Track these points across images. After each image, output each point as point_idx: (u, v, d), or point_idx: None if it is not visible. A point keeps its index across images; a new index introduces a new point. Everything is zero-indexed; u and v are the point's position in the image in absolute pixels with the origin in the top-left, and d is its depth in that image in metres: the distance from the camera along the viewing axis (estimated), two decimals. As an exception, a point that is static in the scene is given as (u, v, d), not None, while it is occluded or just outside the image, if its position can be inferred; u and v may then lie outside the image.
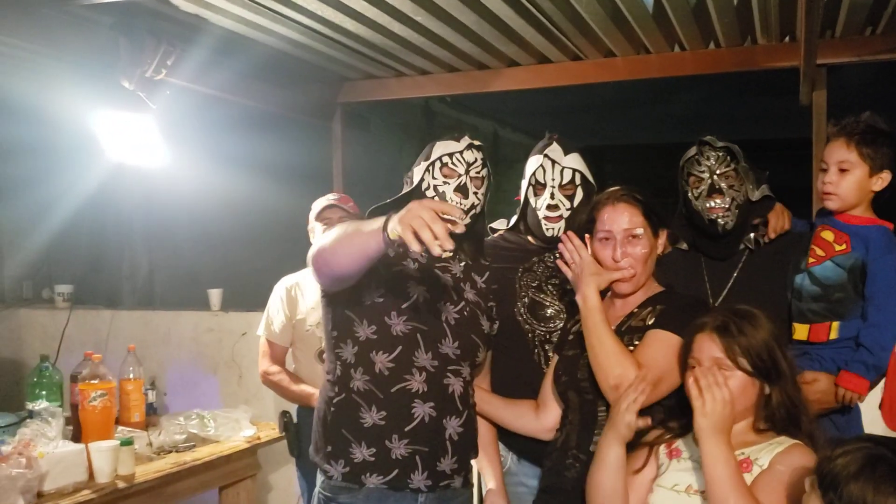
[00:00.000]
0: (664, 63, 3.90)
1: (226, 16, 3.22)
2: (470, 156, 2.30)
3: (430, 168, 2.29)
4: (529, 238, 2.58)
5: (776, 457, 1.84)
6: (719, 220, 2.38)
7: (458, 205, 2.25)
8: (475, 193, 2.29)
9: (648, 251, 2.16)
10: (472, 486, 2.34)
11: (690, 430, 1.94)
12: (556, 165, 2.46)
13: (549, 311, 2.47)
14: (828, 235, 2.32)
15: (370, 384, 2.15)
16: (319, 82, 4.32)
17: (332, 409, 2.17)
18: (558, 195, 2.45)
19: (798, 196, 3.09)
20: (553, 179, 2.46)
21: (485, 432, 2.41)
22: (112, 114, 3.23)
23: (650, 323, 2.11)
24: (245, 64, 3.70)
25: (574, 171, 2.46)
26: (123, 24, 3.12)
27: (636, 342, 2.09)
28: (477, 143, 2.33)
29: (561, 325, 2.44)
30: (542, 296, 2.48)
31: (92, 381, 3.01)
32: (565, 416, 2.22)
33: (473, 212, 2.30)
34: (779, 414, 1.92)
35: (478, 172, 2.30)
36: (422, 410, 2.15)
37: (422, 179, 2.29)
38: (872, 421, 2.39)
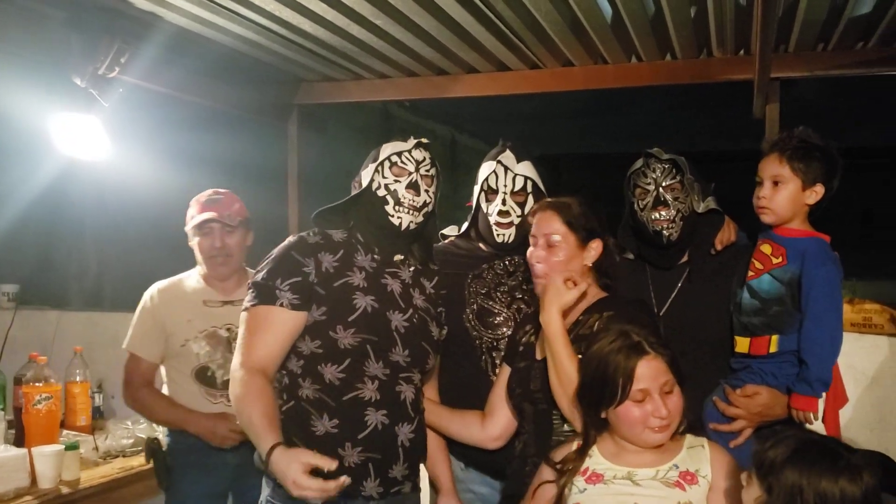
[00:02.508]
0: (621, 73, 3.93)
1: (181, 14, 3.17)
2: (419, 154, 2.30)
3: (380, 168, 2.29)
4: (480, 244, 2.59)
5: (715, 466, 1.91)
6: (664, 231, 2.42)
7: (411, 202, 2.25)
8: (426, 191, 2.29)
9: (566, 259, 2.18)
10: (420, 490, 2.34)
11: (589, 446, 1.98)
12: (508, 172, 2.48)
13: (498, 318, 2.49)
14: (766, 249, 2.36)
15: (320, 393, 2.15)
16: (276, 83, 4.28)
17: (281, 416, 2.15)
18: (510, 202, 2.47)
19: (751, 207, 3.13)
20: (505, 186, 2.48)
21: (434, 437, 2.41)
22: (63, 111, 3.15)
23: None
24: (200, 62, 3.65)
25: (526, 178, 2.48)
26: (76, 20, 3.05)
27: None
28: (425, 141, 2.33)
29: (509, 332, 2.44)
30: (490, 303, 2.49)
31: (36, 384, 2.96)
32: (521, 426, 2.23)
33: (426, 209, 2.30)
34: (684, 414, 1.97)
35: (427, 171, 2.31)
36: (375, 418, 2.15)
37: (372, 180, 2.28)
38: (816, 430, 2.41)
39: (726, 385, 2.37)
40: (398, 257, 2.33)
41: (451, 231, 2.78)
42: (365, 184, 2.29)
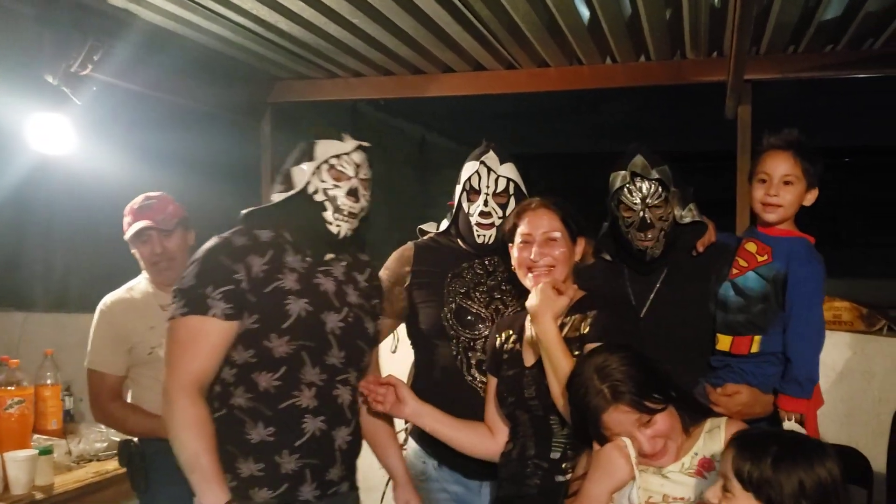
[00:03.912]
0: (596, 74, 3.96)
1: (157, 11, 3.14)
2: (358, 157, 2.21)
3: (317, 170, 2.17)
4: (460, 242, 2.59)
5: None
6: (648, 251, 2.43)
7: (350, 209, 2.18)
8: (364, 196, 2.22)
9: (567, 254, 2.21)
10: (357, 490, 2.31)
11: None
12: (491, 173, 2.48)
13: (476, 317, 2.48)
14: (751, 247, 2.39)
15: (254, 402, 2.08)
16: (250, 81, 4.24)
17: (213, 424, 2.05)
18: (492, 202, 2.47)
19: (720, 207, 3.16)
20: (488, 187, 2.48)
21: (384, 428, 2.39)
22: (34, 109, 3.10)
23: (586, 332, 2.13)
24: (174, 61, 3.60)
25: (508, 180, 2.49)
26: (47, 17, 2.99)
27: (576, 354, 2.11)
28: (366, 144, 2.25)
29: (486, 332, 2.44)
30: (468, 302, 2.50)
31: (8, 388, 2.90)
32: (515, 431, 2.23)
33: (362, 214, 2.24)
34: (687, 404, 2.00)
35: (366, 175, 2.23)
36: (313, 425, 2.10)
37: (308, 182, 2.17)
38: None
39: (707, 383, 2.40)
40: (329, 256, 2.25)
41: (429, 227, 2.77)
42: (299, 186, 2.17)
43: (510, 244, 2.29)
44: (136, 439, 2.89)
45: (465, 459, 2.38)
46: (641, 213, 2.41)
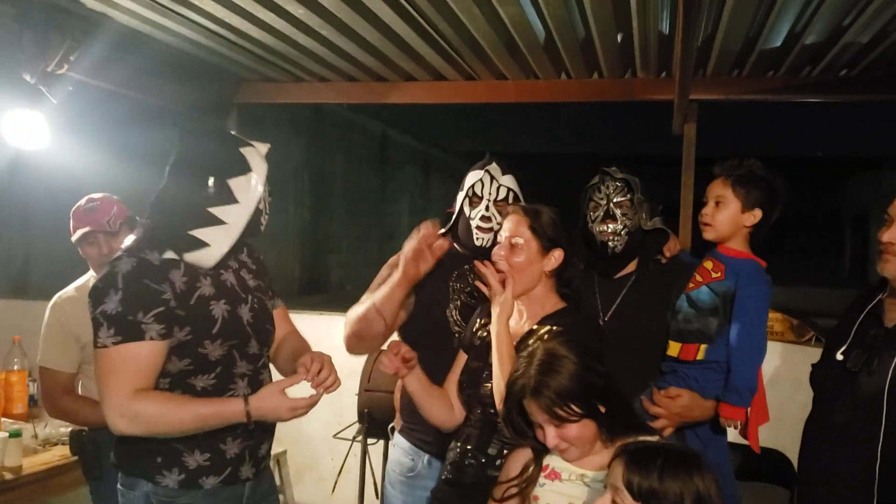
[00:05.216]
0: (551, 89, 4.15)
1: (130, 15, 3.25)
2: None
3: (265, 187, 2.20)
4: (457, 247, 2.70)
5: None
6: (609, 243, 2.62)
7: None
8: None
9: (526, 262, 2.32)
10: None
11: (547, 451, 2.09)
12: (494, 181, 2.63)
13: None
14: (708, 264, 2.59)
15: None
16: (218, 82, 4.35)
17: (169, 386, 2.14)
18: (492, 209, 2.61)
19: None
20: (490, 194, 2.62)
21: (293, 355, 2.41)
22: (10, 106, 3.19)
23: None
24: (146, 61, 3.71)
25: (509, 189, 2.64)
26: (27, 17, 3.10)
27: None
28: (268, 145, 2.27)
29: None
30: (473, 301, 2.61)
31: (-20, 374, 2.99)
32: (467, 420, 2.36)
33: None
34: (618, 420, 2.06)
35: None
36: None
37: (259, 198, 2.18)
38: (737, 435, 2.60)
39: (654, 386, 2.60)
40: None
41: None
42: (249, 203, 2.16)
43: None
44: (86, 429, 2.98)
45: None
46: (606, 206, 2.62)
